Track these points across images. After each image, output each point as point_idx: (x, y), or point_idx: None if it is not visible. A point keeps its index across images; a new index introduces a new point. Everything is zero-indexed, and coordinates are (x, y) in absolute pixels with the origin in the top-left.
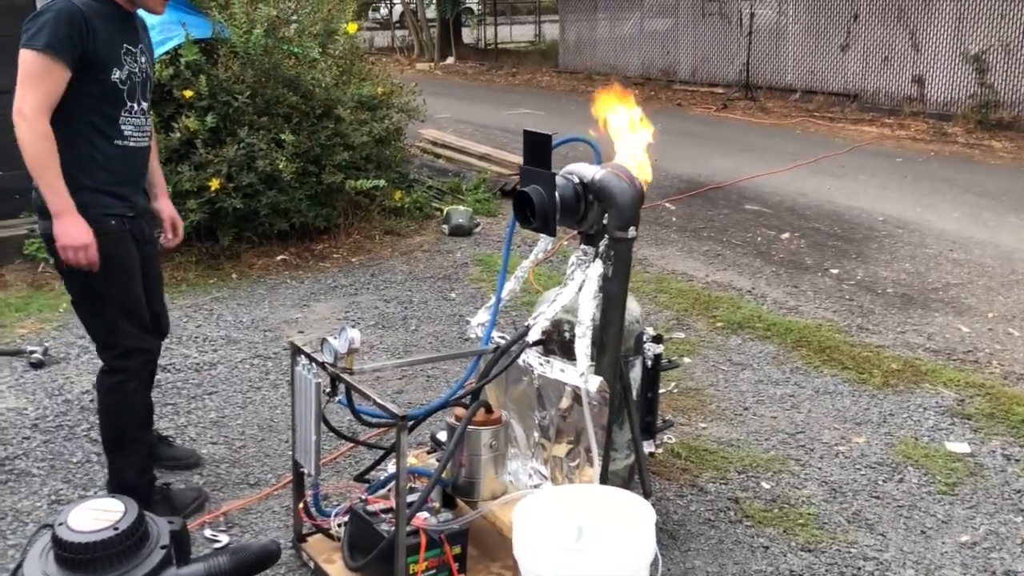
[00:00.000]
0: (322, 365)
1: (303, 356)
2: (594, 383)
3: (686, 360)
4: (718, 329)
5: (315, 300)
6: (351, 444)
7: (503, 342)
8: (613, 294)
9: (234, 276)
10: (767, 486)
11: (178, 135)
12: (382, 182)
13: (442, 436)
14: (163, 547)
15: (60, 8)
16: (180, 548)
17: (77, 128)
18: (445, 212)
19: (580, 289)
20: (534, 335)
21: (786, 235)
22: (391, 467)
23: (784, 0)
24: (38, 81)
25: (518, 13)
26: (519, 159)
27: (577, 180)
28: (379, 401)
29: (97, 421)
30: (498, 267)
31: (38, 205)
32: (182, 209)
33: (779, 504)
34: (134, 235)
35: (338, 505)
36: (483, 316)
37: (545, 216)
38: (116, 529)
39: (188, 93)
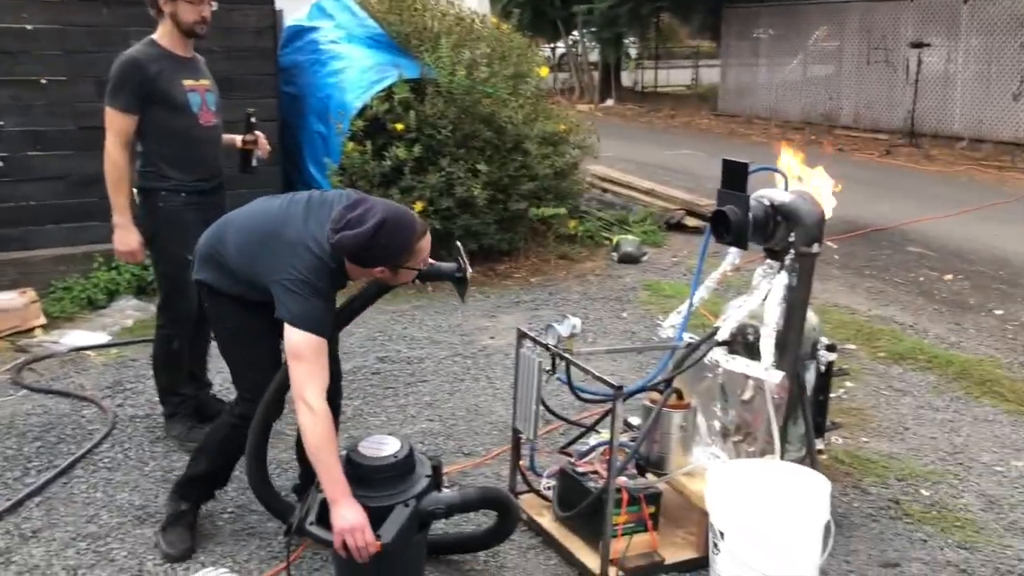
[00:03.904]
0: (545, 346)
1: (528, 339)
2: (776, 377)
3: (848, 384)
4: (880, 359)
5: (501, 312)
6: (558, 423)
7: (694, 340)
8: (796, 302)
9: (429, 289)
10: (926, 493)
11: (388, 163)
12: (561, 210)
13: (633, 420)
14: (427, 476)
15: None
16: (436, 479)
17: None
18: (615, 241)
19: (766, 297)
20: (723, 334)
21: (949, 276)
22: (591, 441)
23: (953, 49)
24: None
25: (674, 57)
26: (682, 195)
27: (768, 202)
28: (598, 376)
29: None
30: (665, 293)
31: None
32: None
33: (937, 508)
34: None
35: (547, 471)
36: (674, 319)
37: (739, 232)
38: (395, 457)
39: (399, 126)
